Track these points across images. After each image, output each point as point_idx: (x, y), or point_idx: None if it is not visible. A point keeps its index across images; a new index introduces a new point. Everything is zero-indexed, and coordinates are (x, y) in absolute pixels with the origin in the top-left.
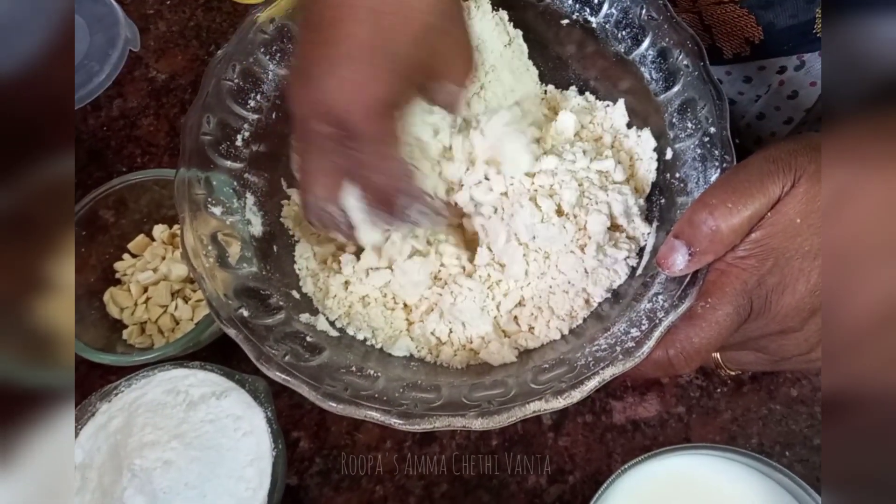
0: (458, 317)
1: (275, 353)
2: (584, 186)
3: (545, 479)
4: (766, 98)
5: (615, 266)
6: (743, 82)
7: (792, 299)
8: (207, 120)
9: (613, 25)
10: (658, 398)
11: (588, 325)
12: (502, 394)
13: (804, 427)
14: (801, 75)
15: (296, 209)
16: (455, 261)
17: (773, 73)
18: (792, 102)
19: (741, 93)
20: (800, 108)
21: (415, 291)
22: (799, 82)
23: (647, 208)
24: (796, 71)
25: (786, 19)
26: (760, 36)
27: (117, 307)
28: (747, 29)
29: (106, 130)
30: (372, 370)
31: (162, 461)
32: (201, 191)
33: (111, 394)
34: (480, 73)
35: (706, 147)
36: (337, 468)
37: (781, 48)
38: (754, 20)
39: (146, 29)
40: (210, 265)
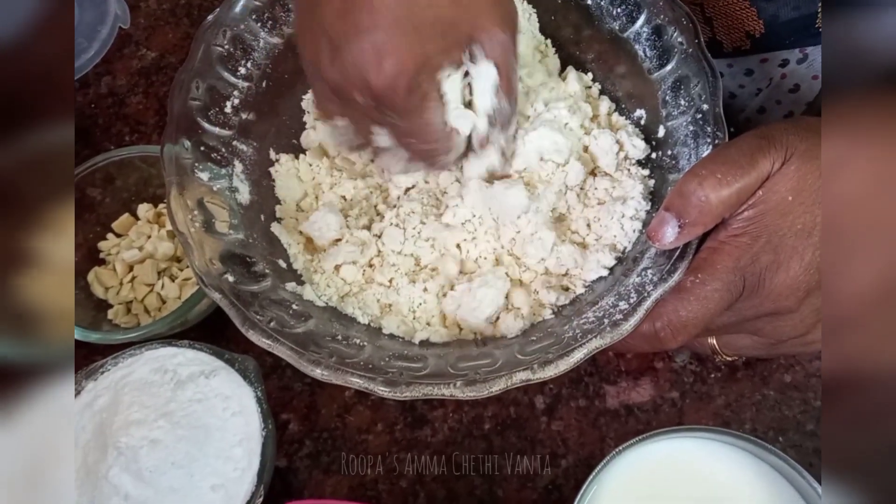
0: (473, 305)
1: (260, 319)
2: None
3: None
4: (768, 91)
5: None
6: (744, 75)
7: (786, 277)
8: (196, 85)
9: (609, 2)
10: (652, 383)
11: (577, 299)
12: (489, 364)
13: (797, 413)
14: (803, 69)
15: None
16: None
17: (775, 66)
18: (793, 96)
19: (742, 86)
20: (801, 102)
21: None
22: (801, 76)
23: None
24: (799, 64)
25: (788, 12)
26: (761, 29)
27: (102, 287)
28: (748, 22)
29: (94, 108)
30: (358, 339)
31: (148, 440)
32: (188, 155)
33: (97, 372)
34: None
35: (699, 124)
36: (327, 450)
37: (783, 42)
38: (755, 13)
39: (136, 6)
40: (196, 230)
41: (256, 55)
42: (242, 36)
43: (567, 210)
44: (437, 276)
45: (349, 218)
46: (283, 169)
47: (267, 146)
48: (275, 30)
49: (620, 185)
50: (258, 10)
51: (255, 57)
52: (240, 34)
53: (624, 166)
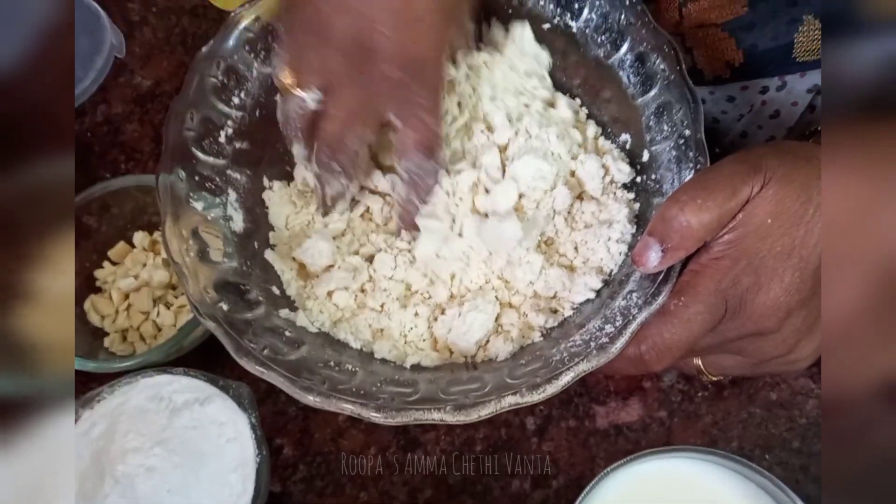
0: (463, 329)
1: (253, 347)
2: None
3: (529, 484)
4: (749, 117)
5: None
6: (726, 101)
7: (767, 298)
8: (191, 116)
9: (593, 30)
10: (640, 402)
11: (565, 321)
12: (478, 388)
13: (783, 430)
14: (782, 95)
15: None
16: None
17: (755, 93)
18: (774, 122)
19: (724, 111)
20: (782, 127)
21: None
22: (780, 102)
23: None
24: (778, 91)
25: (767, 42)
26: (741, 59)
27: (98, 315)
28: (727, 52)
29: (90, 136)
30: (350, 365)
31: (145, 467)
32: (183, 185)
33: (93, 400)
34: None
35: (681, 149)
36: (321, 475)
37: (762, 71)
38: (734, 43)
39: (132, 35)
40: (190, 259)
41: (250, 85)
42: (236, 67)
43: (555, 233)
44: (428, 301)
45: (340, 246)
46: (277, 196)
47: (260, 174)
48: (267, 60)
49: (606, 208)
50: (251, 41)
51: (249, 87)
52: (233, 65)
53: (610, 190)
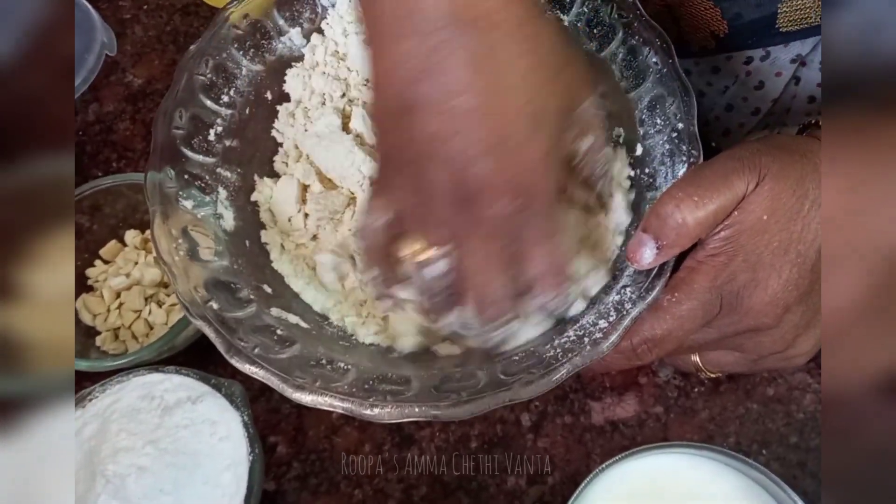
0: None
1: (244, 346)
2: None
3: (524, 481)
4: (734, 89)
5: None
6: (711, 73)
7: (764, 294)
8: (179, 114)
9: (585, 24)
10: (636, 398)
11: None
12: (472, 385)
13: (780, 426)
14: (766, 66)
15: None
16: None
17: (740, 64)
18: (759, 93)
19: (710, 83)
20: (766, 99)
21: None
22: (765, 73)
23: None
24: (762, 61)
25: (751, 11)
26: (725, 30)
27: (90, 314)
28: (713, 23)
29: (81, 135)
30: (343, 363)
31: (136, 467)
32: (172, 184)
33: (85, 399)
34: None
35: (674, 143)
36: (315, 472)
37: (746, 42)
38: (720, 14)
39: (123, 33)
40: (180, 258)
41: (239, 83)
42: (225, 64)
43: None
44: None
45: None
46: (267, 193)
47: (251, 171)
48: (256, 57)
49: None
50: (240, 38)
51: (238, 84)
52: (222, 63)
53: None
